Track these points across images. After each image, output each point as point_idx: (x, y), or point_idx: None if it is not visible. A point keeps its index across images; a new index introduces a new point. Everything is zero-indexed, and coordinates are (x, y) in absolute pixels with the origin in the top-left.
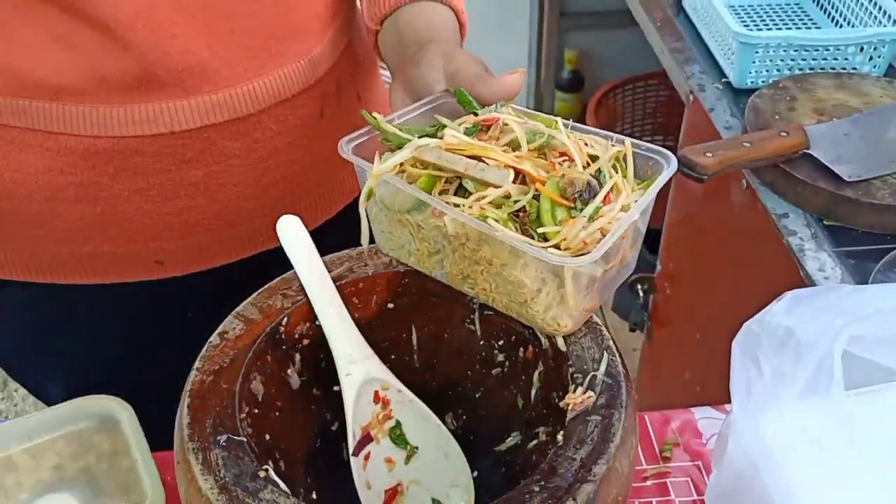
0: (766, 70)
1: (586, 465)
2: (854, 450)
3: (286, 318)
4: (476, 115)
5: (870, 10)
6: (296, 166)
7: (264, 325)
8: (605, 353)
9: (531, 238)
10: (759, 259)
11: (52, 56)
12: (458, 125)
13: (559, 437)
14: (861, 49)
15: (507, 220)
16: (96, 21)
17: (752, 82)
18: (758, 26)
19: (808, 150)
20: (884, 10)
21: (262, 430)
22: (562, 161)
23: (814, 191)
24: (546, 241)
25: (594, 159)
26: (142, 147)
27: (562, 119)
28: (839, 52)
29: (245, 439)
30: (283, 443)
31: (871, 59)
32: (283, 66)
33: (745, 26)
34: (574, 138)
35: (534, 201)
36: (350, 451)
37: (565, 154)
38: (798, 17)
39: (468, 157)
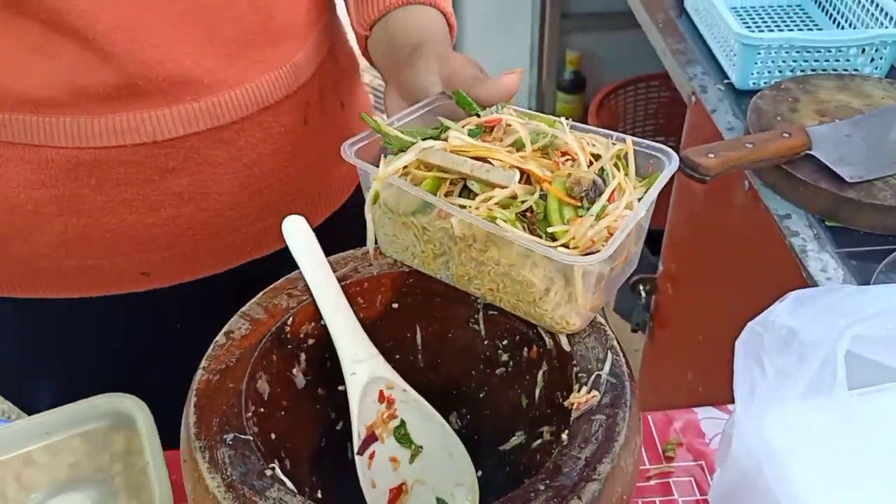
0: (768, 71)
1: (591, 464)
2: (857, 450)
3: (292, 318)
4: (478, 116)
5: (871, 12)
6: (281, 174)
7: (270, 325)
8: (609, 352)
9: (539, 238)
10: (761, 260)
11: (32, 69)
12: (462, 127)
13: (564, 436)
14: (863, 51)
15: (514, 220)
16: (75, 32)
17: (754, 83)
18: (760, 28)
19: (810, 152)
20: (885, 12)
21: (268, 429)
22: (565, 161)
23: (816, 192)
24: (554, 240)
25: (596, 158)
26: (124, 157)
27: (562, 119)
28: (841, 53)
29: (251, 438)
30: (289, 442)
31: (872, 60)
32: (265, 72)
33: (746, 28)
34: (577, 137)
35: (540, 201)
36: (355, 450)
37: (567, 153)
38: (800, 18)
39: (473, 158)
